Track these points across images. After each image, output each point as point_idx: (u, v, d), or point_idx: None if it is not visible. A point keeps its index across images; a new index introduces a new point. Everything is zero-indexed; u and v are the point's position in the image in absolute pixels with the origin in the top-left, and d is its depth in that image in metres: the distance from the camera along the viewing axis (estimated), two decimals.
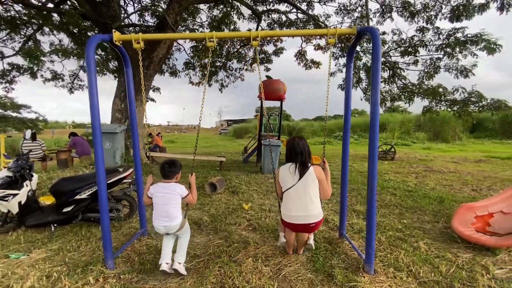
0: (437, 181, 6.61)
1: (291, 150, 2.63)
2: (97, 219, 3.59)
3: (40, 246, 3.10)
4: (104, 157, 2.67)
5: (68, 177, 3.63)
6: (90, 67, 2.46)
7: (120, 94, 7.10)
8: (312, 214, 2.49)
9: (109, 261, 2.59)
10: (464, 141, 18.03)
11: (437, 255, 2.87)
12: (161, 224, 2.43)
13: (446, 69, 7.59)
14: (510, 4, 6.20)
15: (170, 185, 2.46)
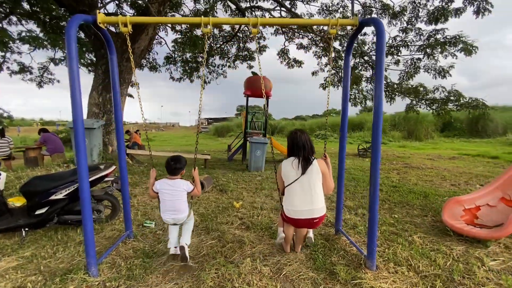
0: (418, 177, 6.87)
1: (294, 144, 2.54)
2: (75, 222, 3.26)
3: (10, 254, 2.74)
4: (86, 151, 2.40)
5: (42, 176, 3.26)
6: (70, 51, 2.19)
7: (97, 87, 6.61)
8: (317, 208, 2.43)
9: (92, 268, 2.33)
10: (435, 139, 19.11)
11: (432, 249, 2.91)
12: (170, 217, 2.58)
13: (425, 70, 7.94)
14: (485, 8, 6.59)
15: (176, 182, 2.57)
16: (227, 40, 14.50)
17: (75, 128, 2.31)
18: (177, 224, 2.67)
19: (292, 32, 14.18)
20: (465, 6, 6.94)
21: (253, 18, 2.51)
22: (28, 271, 2.44)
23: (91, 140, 5.59)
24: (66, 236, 3.16)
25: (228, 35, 14.42)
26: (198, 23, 2.52)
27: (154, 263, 2.63)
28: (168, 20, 2.53)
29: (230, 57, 15.50)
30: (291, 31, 14.13)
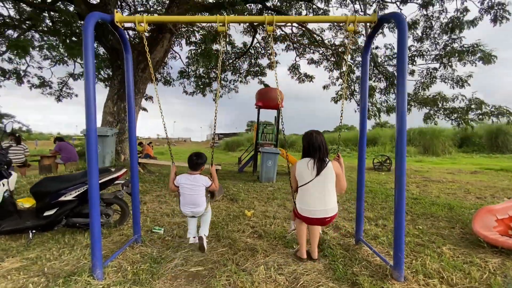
0: (440, 190, 6.49)
1: (310, 145, 2.55)
2: (83, 225, 3.17)
3: (15, 255, 2.65)
4: (97, 151, 2.34)
5: (53, 177, 3.24)
6: (87, 48, 2.19)
7: (113, 97, 6.77)
8: (329, 208, 2.47)
9: (97, 270, 2.20)
10: (454, 155, 18.36)
11: (464, 261, 2.63)
12: (189, 210, 2.75)
13: (442, 80, 7.73)
14: (503, 16, 6.45)
15: (196, 177, 2.72)
16: (239, 56, 14.81)
17: (87, 129, 2.25)
18: (195, 217, 2.84)
19: (303, 47, 14.38)
20: (482, 14, 6.83)
21: (269, 16, 2.49)
22: (31, 272, 2.34)
23: (104, 148, 5.63)
24: (73, 239, 3.07)
25: (240, 51, 14.76)
26: (214, 21, 2.53)
27: (162, 269, 2.48)
28: (185, 19, 2.56)
29: (242, 72, 15.76)
30: (302, 46, 14.34)
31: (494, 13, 6.54)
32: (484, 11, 6.77)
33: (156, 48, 6.81)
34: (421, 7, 8.63)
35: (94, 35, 2.31)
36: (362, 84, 2.93)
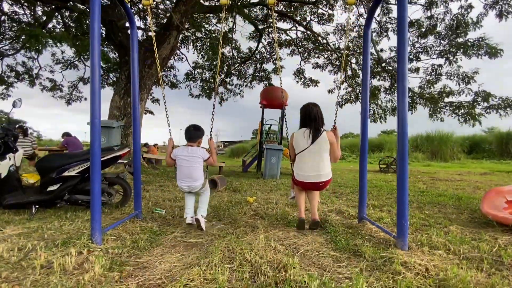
0: (448, 186, 6.32)
1: (305, 116, 2.73)
2: (85, 202, 3.19)
3: (17, 225, 2.67)
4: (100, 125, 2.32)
5: (58, 153, 3.28)
6: (93, 22, 2.23)
7: (120, 91, 6.92)
8: (323, 173, 2.64)
9: (97, 234, 2.19)
10: (463, 160, 17.95)
11: (473, 238, 2.53)
12: (185, 184, 2.68)
13: (447, 77, 7.67)
14: (508, 11, 6.42)
15: (193, 149, 2.68)
16: (245, 60, 15.02)
17: (91, 95, 2.28)
18: (192, 193, 2.75)
19: (308, 52, 14.52)
20: (486, 10, 6.81)
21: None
22: (31, 237, 2.34)
23: (109, 139, 5.71)
24: (75, 215, 3.08)
25: (246, 56, 14.98)
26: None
27: (161, 240, 2.46)
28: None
29: (247, 77, 15.93)
30: (307, 50, 14.48)
31: (499, 8, 6.53)
32: (489, 7, 6.76)
33: (163, 45, 6.99)
34: (425, 8, 8.70)
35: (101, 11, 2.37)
36: (363, 62, 2.93)
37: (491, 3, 6.69)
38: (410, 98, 8.72)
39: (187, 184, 2.67)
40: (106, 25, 6.77)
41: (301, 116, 2.79)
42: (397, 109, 2.24)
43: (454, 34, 7.39)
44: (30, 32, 4.65)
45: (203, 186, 2.75)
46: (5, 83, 10.68)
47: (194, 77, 13.71)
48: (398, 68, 2.20)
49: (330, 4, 11.12)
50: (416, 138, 21.97)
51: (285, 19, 12.87)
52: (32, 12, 8.36)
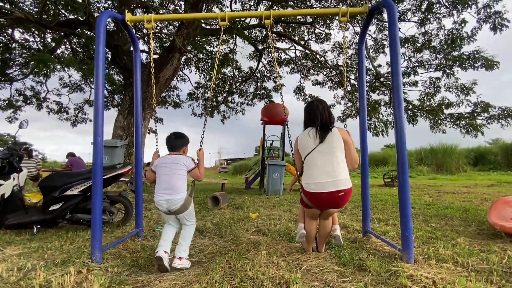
0: (454, 198, 6.19)
1: (310, 113, 2.28)
2: (87, 221, 3.18)
3: (17, 245, 2.66)
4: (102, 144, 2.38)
5: (61, 172, 3.32)
6: (99, 44, 2.35)
7: (124, 111, 7.08)
8: (340, 179, 2.06)
9: (96, 253, 2.17)
10: (469, 173, 17.66)
11: (482, 250, 2.45)
12: (163, 198, 2.16)
13: (446, 89, 7.76)
14: (502, 24, 6.61)
15: (176, 156, 2.26)
16: (246, 79, 15.39)
17: (95, 114, 2.35)
18: (171, 212, 2.19)
19: (307, 69, 14.86)
20: (480, 24, 7.01)
21: (266, 11, 2.67)
22: (31, 257, 2.32)
23: (112, 158, 5.77)
24: (76, 235, 3.06)
25: (246, 75, 15.36)
26: (215, 17, 2.72)
27: None
28: (188, 16, 2.75)
29: (249, 95, 16.23)
30: (306, 68, 14.83)
31: (493, 21, 6.72)
32: (483, 21, 6.97)
33: (166, 67, 7.23)
34: (419, 25, 8.99)
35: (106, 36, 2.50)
36: (359, 77, 3.00)
37: (484, 18, 6.91)
38: (411, 111, 8.78)
39: (165, 197, 2.13)
40: (112, 49, 7.07)
41: (305, 115, 2.35)
42: (395, 121, 2.27)
43: (449, 48, 7.56)
44: (39, 57, 4.88)
45: (185, 206, 2.19)
46: (13, 107, 11.00)
47: (197, 97, 14.02)
48: (393, 82, 2.25)
49: (327, 24, 11.53)
50: (420, 151, 21.80)
51: (283, 39, 13.32)
52: (42, 39, 8.80)
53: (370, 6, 2.60)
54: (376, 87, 9.46)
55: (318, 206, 2.22)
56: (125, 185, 5.49)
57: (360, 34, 2.89)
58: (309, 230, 2.40)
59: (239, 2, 10.18)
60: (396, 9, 2.37)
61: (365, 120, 2.98)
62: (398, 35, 2.38)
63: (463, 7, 7.22)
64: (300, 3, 9.87)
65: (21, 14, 5.67)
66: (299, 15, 11.05)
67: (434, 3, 7.68)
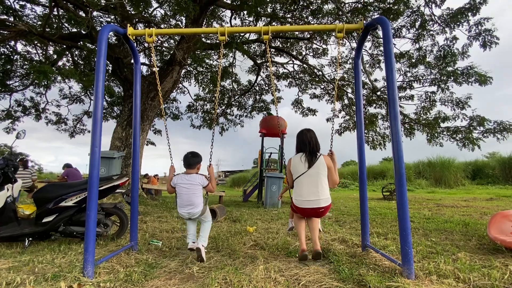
0: (454, 212, 6.15)
1: (300, 141, 2.76)
2: (80, 234, 3.11)
3: (7, 258, 2.58)
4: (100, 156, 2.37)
5: (56, 183, 3.28)
6: (100, 56, 2.39)
7: (122, 123, 7.08)
8: (322, 198, 2.58)
9: (89, 267, 2.11)
10: (467, 186, 17.64)
11: (483, 265, 2.41)
12: (185, 211, 2.70)
13: (442, 103, 7.88)
14: (491, 41, 6.82)
15: (192, 176, 2.71)
16: (244, 92, 15.57)
17: (93, 124, 2.36)
18: (192, 219, 2.77)
19: (305, 83, 15.10)
20: (471, 41, 7.23)
21: (265, 26, 2.74)
22: (21, 271, 2.25)
23: (109, 169, 5.71)
24: (68, 248, 2.98)
25: (245, 89, 15.56)
26: (215, 32, 2.79)
27: (156, 272, 2.35)
28: (188, 31, 2.82)
29: (247, 108, 16.37)
30: (304, 82, 15.07)
31: (483, 38, 6.94)
32: (473, 38, 7.18)
33: (166, 79, 7.32)
34: (413, 41, 9.24)
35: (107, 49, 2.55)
36: (356, 89, 3.05)
37: (474, 35, 7.13)
38: (408, 124, 8.87)
39: (187, 211, 2.69)
40: (113, 61, 7.18)
41: (296, 142, 2.82)
42: (391, 134, 2.29)
43: (443, 64, 7.75)
44: (40, 68, 4.94)
45: (203, 212, 2.74)
46: (12, 118, 10.99)
47: (196, 109, 14.12)
48: (389, 95, 2.29)
49: (324, 39, 11.83)
50: (418, 164, 21.83)
51: (282, 53, 13.61)
52: (44, 51, 8.93)
53: (365, 23, 2.68)
54: (373, 100, 9.59)
55: (303, 215, 2.77)
56: (121, 197, 5.43)
57: (356, 49, 2.96)
58: (299, 225, 2.81)
59: (239, 17, 10.47)
60: (390, 26, 2.45)
61: (362, 133, 3.00)
62: (393, 51, 2.44)
63: (455, 25, 7.46)
64: (298, 19, 10.17)
65: (25, 27, 5.78)
66: (296, 31, 11.36)
67: (427, 21, 7.93)
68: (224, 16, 11.48)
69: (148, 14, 8.11)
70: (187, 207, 2.68)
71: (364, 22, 2.68)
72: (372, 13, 8.83)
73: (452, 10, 7.51)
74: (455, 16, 7.28)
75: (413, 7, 8.08)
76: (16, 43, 9.20)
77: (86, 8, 6.29)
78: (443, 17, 7.72)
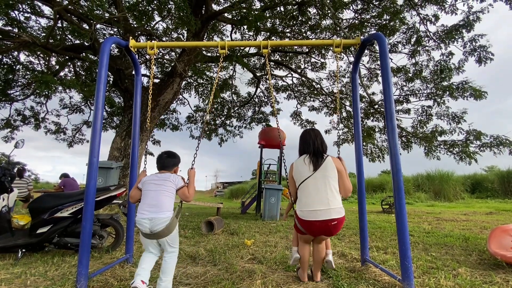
0: (454, 226, 6.09)
1: (304, 141, 2.37)
2: (74, 245, 3.05)
3: (0, 270, 2.52)
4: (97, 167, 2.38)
5: (52, 193, 3.25)
6: (101, 67, 2.43)
7: (122, 133, 7.10)
8: (333, 208, 2.09)
9: (82, 281, 2.06)
10: (467, 200, 17.55)
11: (484, 281, 2.37)
12: (146, 216, 1.94)
13: (438, 117, 7.98)
14: (487, 57, 6.98)
15: (165, 174, 2.14)
16: (244, 104, 15.73)
17: (92, 135, 2.37)
18: (153, 234, 1.97)
19: (304, 96, 15.28)
20: (466, 57, 7.41)
21: (264, 41, 2.81)
22: (13, 284, 2.19)
23: (107, 180, 5.67)
24: (62, 260, 2.92)
25: (245, 100, 15.73)
26: (215, 46, 2.85)
27: (151, 286, 2.29)
28: (189, 44, 2.89)
29: (246, 119, 16.48)
30: (303, 95, 15.26)
31: (478, 54, 7.11)
32: (468, 54, 7.37)
33: (166, 90, 7.40)
34: (409, 56, 9.46)
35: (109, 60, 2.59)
36: (353, 103, 3.10)
37: (469, 51, 7.32)
38: (405, 138, 8.94)
39: (149, 215, 1.94)
40: (114, 73, 7.28)
41: (299, 144, 2.43)
42: (389, 147, 2.30)
43: (438, 78, 7.91)
44: (42, 78, 5.01)
45: (169, 230, 1.98)
46: (11, 127, 11.00)
47: (195, 120, 14.20)
48: (386, 109, 2.32)
49: (322, 54, 12.08)
50: (417, 177, 21.78)
51: (281, 67, 13.85)
52: (46, 62, 9.07)
53: (362, 38, 2.75)
54: (371, 113, 9.70)
55: (311, 234, 2.25)
56: (117, 208, 5.36)
57: (354, 63, 3.03)
58: (303, 254, 2.41)
59: (239, 32, 10.72)
60: (386, 42, 2.51)
61: (360, 146, 3.02)
62: (389, 66, 2.50)
63: (450, 41, 7.67)
64: (297, 34, 10.42)
65: (29, 38, 5.89)
66: (295, 46, 11.60)
67: (423, 37, 8.15)
68: (225, 30, 11.78)
69: (151, 27, 8.31)
70: (150, 209, 1.96)
71: (361, 37, 2.75)
72: (369, 29, 9.08)
73: (447, 27, 7.75)
74: (449, 32, 7.51)
75: (408, 24, 8.32)
76: (19, 53, 9.36)
77: (90, 20, 6.45)
78: (438, 33, 7.95)
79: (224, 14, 8.59)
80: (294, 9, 9.46)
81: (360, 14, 9.19)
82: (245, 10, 7.30)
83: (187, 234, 4.73)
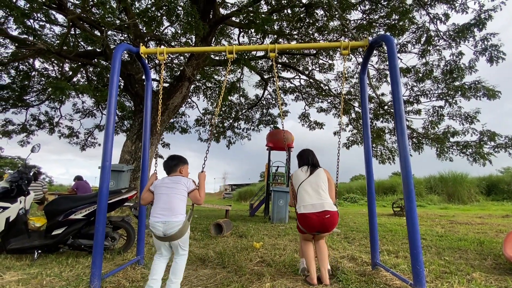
0: (468, 230, 5.92)
1: (302, 157, 2.94)
2: (88, 247, 3.13)
3: (17, 271, 2.61)
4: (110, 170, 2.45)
5: (67, 196, 3.35)
6: (113, 73, 2.50)
7: (132, 137, 7.24)
8: (326, 202, 2.52)
9: (95, 281, 2.12)
10: (482, 202, 17.01)
11: (499, 286, 2.30)
12: (160, 219, 1.99)
13: (450, 117, 7.79)
14: (498, 56, 6.79)
15: (176, 177, 2.20)
16: (252, 106, 15.78)
17: (105, 139, 2.44)
18: (166, 237, 2.00)
19: (312, 97, 15.21)
20: (477, 56, 7.22)
21: (271, 45, 2.83)
22: (29, 284, 2.27)
23: (118, 182, 5.80)
24: (76, 261, 3.00)
25: (253, 103, 15.79)
26: (223, 50, 2.89)
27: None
28: (198, 49, 2.94)
29: (254, 121, 16.52)
30: (311, 96, 15.19)
31: (489, 54, 6.92)
32: (479, 53, 7.18)
33: (175, 95, 7.52)
34: (419, 56, 9.29)
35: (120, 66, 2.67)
36: (362, 104, 3.08)
37: (480, 50, 7.14)
38: (416, 139, 8.76)
39: (163, 219, 1.98)
40: (125, 78, 7.46)
41: (298, 160, 3.01)
42: (399, 149, 2.28)
43: (450, 78, 7.74)
44: (57, 84, 5.19)
45: (182, 232, 2.02)
46: (27, 131, 11.38)
47: (204, 123, 14.33)
48: (395, 110, 2.30)
49: (330, 55, 12.01)
50: (429, 179, 21.28)
51: (288, 69, 13.84)
52: (60, 68, 9.37)
53: (370, 40, 2.73)
54: (380, 114, 9.57)
55: (310, 230, 2.56)
56: (129, 210, 5.46)
57: (362, 65, 3.02)
58: (307, 252, 2.63)
59: (246, 35, 10.80)
60: (394, 43, 2.49)
61: (369, 148, 3.00)
62: (398, 66, 2.48)
63: (461, 40, 7.50)
64: (304, 36, 10.40)
65: (44, 46, 6.11)
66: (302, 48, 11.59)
67: (433, 36, 8.00)
68: (232, 34, 11.88)
69: (160, 33, 8.48)
70: (163, 213, 2.00)
71: (369, 39, 2.74)
72: (378, 29, 8.98)
73: (458, 25, 7.59)
74: (461, 31, 7.34)
75: (418, 23, 8.19)
76: (34, 60, 9.70)
77: (102, 27, 6.65)
78: (449, 32, 7.78)
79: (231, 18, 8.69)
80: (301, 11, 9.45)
81: (368, 15, 9.10)
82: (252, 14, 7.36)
83: (196, 236, 4.77)
